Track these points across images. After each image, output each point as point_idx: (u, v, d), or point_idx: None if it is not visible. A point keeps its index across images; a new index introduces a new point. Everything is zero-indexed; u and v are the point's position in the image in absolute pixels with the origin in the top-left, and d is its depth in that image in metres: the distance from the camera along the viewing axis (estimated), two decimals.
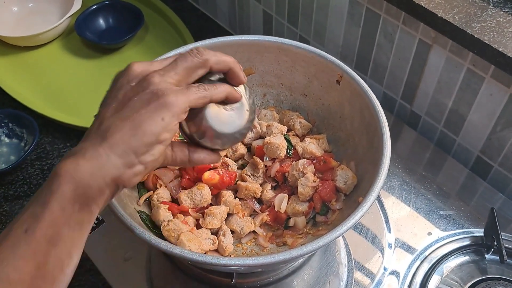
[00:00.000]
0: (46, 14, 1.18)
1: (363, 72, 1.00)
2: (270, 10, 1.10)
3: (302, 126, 0.80)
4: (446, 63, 0.84)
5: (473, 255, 0.78)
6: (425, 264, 0.77)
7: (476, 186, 0.87)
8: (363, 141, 0.73)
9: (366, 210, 0.59)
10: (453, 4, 0.79)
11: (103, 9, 1.17)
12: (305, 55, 0.77)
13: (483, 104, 0.83)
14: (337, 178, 0.72)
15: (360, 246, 0.80)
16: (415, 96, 0.94)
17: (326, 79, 0.78)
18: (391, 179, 0.88)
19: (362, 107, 0.72)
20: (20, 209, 0.87)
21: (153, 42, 1.16)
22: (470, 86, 0.83)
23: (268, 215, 0.73)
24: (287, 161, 0.76)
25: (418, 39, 0.86)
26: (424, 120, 0.95)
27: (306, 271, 0.77)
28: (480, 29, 0.75)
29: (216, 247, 0.69)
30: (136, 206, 0.71)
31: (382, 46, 0.93)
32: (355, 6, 0.92)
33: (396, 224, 0.82)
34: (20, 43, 1.12)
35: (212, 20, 1.25)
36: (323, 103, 0.80)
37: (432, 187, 0.87)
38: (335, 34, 1.00)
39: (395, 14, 0.87)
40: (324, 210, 0.72)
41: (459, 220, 0.82)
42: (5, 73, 1.08)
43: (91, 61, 1.12)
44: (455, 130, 0.91)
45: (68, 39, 1.16)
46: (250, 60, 0.81)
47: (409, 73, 0.92)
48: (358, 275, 0.77)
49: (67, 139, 0.98)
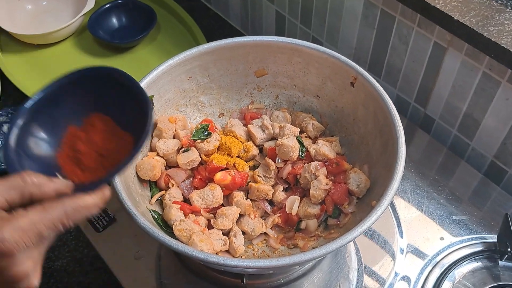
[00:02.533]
0: (60, 12, 1.19)
1: (376, 74, 0.99)
2: (283, 11, 1.10)
3: (314, 128, 0.80)
4: (461, 67, 0.83)
5: (486, 261, 0.77)
6: (436, 270, 0.76)
7: (490, 191, 0.86)
8: (376, 144, 0.72)
9: (380, 214, 0.59)
10: (470, 6, 0.79)
11: (116, 8, 1.17)
12: (319, 56, 0.77)
13: (498, 109, 0.82)
14: (350, 181, 0.72)
15: (371, 250, 0.79)
16: (429, 99, 0.93)
17: (340, 81, 0.77)
18: (404, 183, 0.87)
19: (376, 110, 0.72)
20: None
21: (165, 41, 1.16)
22: (486, 90, 0.82)
23: (279, 217, 0.73)
24: (299, 163, 0.76)
25: (433, 42, 0.85)
26: (438, 123, 0.94)
27: (316, 274, 0.76)
28: (497, 32, 0.74)
29: (227, 247, 0.69)
30: (148, 205, 0.71)
31: (396, 48, 0.92)
32: (370, 8, 0.91)
33: (408, 229, 0.81)
34: (34, 41, 1.13)
35: (224, 20, 1.25)
36: (336, 105, 0.80)
37: (445, 191, 0.86)
38: (348, 35, 0.99)
39: (410, 16, 0.86)
40: (336, 213, 0.72)
41: (472, 226, 0.81)
42: (18, 71, 1.08)
43: (103, 60, 1.12)
44: (469, 134, 0.90)
45: (81, 38, 1.16)
46: (263, 61, 0.81)
47: (424, 76, 0.91)
48: (369, 280, 0.76)
49: None
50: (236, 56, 0.80)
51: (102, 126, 0.58)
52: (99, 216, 0.82)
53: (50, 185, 0.48)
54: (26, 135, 0.55)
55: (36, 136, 0.56)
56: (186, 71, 0.78)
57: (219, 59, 0.79)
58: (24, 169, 0.51)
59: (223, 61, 0.80)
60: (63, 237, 0.83)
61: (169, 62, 0.75)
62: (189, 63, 0.77)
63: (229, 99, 0.85)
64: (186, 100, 0.81)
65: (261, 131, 0.80)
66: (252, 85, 0.84)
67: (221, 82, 0.83)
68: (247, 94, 0.85)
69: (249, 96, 0.85)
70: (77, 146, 0.56)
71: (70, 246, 0.82)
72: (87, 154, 0.56)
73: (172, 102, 0.79)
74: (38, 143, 0.56)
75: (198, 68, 0.79)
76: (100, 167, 0.55)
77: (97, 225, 0.81)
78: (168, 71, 0.75)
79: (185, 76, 0.79)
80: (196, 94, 0.82)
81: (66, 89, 0.57)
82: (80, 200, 0.47)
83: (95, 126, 0.58)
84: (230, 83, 0.83)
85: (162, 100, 0.77)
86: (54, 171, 0.54)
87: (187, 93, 0.81)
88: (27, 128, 0.55)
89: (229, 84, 0.83)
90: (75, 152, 0.56)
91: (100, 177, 0.52)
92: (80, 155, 0.56)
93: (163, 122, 0.76)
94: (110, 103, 0.58)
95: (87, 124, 0.58)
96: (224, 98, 0.84)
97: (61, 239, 0.83)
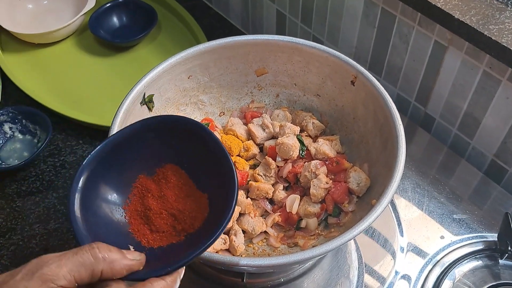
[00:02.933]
0: (61, 11, 1.19)
1: (377, 73, 0.99)
2: (284, 10, 1.10)
3: (315, 127, 0.80)
4: (462, 65, 0.83)
5: (486, 260, 0.77)
6: (437, 268, 0.76)
7: (490, 190, 0.86)
8: (376, 143, 0.72)
9: (379, 213, 0.59)
10: (470, 5, 0.78)
11: (116, 7, 1.17)
12: (319, 55, 0.77)
13: (499, 108, 0.82)
14: (350, 180, 0.72)
15: (372, 249, 0.79)
16: (429, 98, 0.93)
17: (340, 80, 0.77)
18: (404, 181, 0.87)
19: (376, 108, 0.72)
20: (32, 205, 0.88)
21: (166, 40, 1.16)
22: (486, 89, 0.82)
23: (279, 216, 0.73)
24: (299, 162, 0.76)
25: (433, 40, 0.85)
26: (438, 122, 0.94)
27: (316, 272, 0.76)
28: (497, 31, 0.74)
29: (228, 246, 0.69)
30: None
31: (397, 47, 0.92)
32: (370, 7, 0.91)
33: (408, 227, 0.81)
34: (34, 40, 1.13)
35: (225, 19, 1.25)
36: (337, 104, 0.80)
37: (445, 190, 0.86)
38: (349, 34, 0.99)
39: (410, 15, 0.86)
40: (336, 212, 0.72)
41: (472, 224, 0.81)
42: (19, 70, 1.08)
43: (104, 59, 1.12)
44: (469, 133, 0.90)
45: (81, 37, 1.16)
46: (263, 59, 0.81)
47: (424, 75, 0.91)
48: (369, 278, 0.76)
49: (79, 136, 0.98)
50: (237, 55, 0.80)
51: (175, 180, 0.54)
52: None
53: (123, 262, 0.44)
54: (90, 189, 0.50)
55: (102, 189, 0.52)
56: (186, 70, 0.78)
57: (220, 58, 0.79)
58: (92, 237, 0.47)
59: (224, 60, 0.80)
60: (64, 236, 0.83)
61: (170, 61, 0.75)
62: (190, 62, 0.77)
63: (230, 98, 0.85)
64: (186, 99, 0.81)
65: (262, 130, 0.80)
66: (252, 84, 0.84)
67: (221, 81, 0.83)
68: (248, 93, 0.85)
69: (250, 95, 0.85)
70: (147, 201, 0.52)
71: (70, 246, 0.82)
72: (158, 213, 0.51)
73: (173, 101, 0.79)
74: (105, 195, 0.52)
75: (198, 67, 0.79)
76: (171, 230, 0.51)
77: None
78: (168, 70, 0.76)
79: (185, 75, 0.79)
80: (196, 93, 0.82)
81: (141, 134, 0.53)
82: (155, 287, 0.44)
83: (168, 180, 0.53)
84: (230, 82, 0.83)
85: (163, 99, 0.77)
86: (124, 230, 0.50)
87: (187, 92, 0.81)
88: (91, 182, 0.50)
89: (230, 83, 0.83)
90: (144, 208, 0.52)
91: (177, 260, 0.46)
92: (150, 212, 0.51)
93: None
94: (187, 158, 0.54)
95: (159, 175, 0.54)
96: (225, 97, 0.84)
97: (61, 238, 0.83)
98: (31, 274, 0.41)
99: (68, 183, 0.91)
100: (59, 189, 0.90)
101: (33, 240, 0.83)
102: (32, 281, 0.40)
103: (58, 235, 0.83)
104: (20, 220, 0.86)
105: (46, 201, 0.88)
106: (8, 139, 0.96)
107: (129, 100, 0.70)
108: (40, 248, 0.82)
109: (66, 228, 0.84)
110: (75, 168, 0.93)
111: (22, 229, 0.84)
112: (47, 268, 0.41)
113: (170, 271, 0.45)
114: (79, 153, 0.96)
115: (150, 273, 0.45)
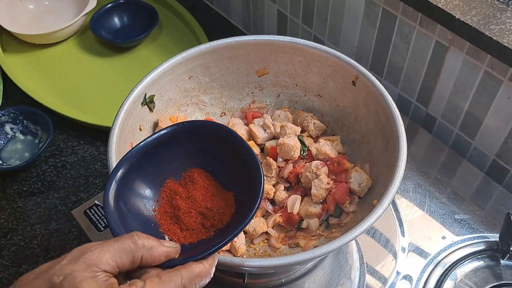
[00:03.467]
0: (62, 12, 1.19)
1: (378, 73, 0.99)
2: (285, 10, 1.10)
3: (316, 127, 0.80)
4: (463, 66, 0.83)
5: (488, 260, 0.77)
6: (438, 269, 0.76)
7: (492, 190, 0.86)
8: (378, 143, 0.72)
9: (381, 213, 0.59)
10: (471, 5, 0.78)
11: (118, 7, 1.17)
12: (320, 55, 0.77)
13: (500, 108, 0.82)
14: (351, 180, 0.72)
15: (373, 249, 0.79)
16: (430, 98, 0.93)
17: (341, 80, 0.77)
18: (406, 182, 0.87)
19: (378, 109, 0.72)
20: (33, 205, 0.88)
21: (167, 41, 1.16)
22: (487, 89, 0.82)
23: (280, 216, 0.73)
24: (300, 162, 0.76)
25: (434, 40, 0.85)
26: (440, 122, 0.94)
27: (318, 273, 0.76)
28: (499, 31, 0.74)
29: (229, 247, 0.69)
30: None
31: (398, 47, 0.92)
32: (371, 7, 0.91)
33: (410, 228, 0.81)
34: (35, 41, 1.13)
35: (226, 20, 1.25)
36: (338, 104, 0.80)
37: (447, 190, 0.86)
38: (350, 34, 0.99)
39: (411, 15, 0.86)
40: (337, 212, 0.72)
41: (474, 225, 0.81)
42: (20, 71, 1.08)
43: (105, 60, 1.12)
44: (471, 133, 0.90)
45: (83, 37, 1.17)
46: (264, 60, 0.81)
47: (425, 75, 0.91)
48: (370, 279, 0.76)
49: (81, 136, 0.98)
50: (238, 56, 0.80)
51: (202, 182, 0.55)
52: (100, 216, 0.82)
53: (160, 249, 0.46)
54: (124, 186, 0.52)
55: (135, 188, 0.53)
56: (187, 70, 0.78)
57: (221, 58, 0.79)
58: (129, 229, 0.48)
59: (225, 60, 0.80)
60: (65, 236, 0.83)
61: (171, 61, 0.75)
62: (191, 62, 0.77)
63: (231, 98, 0.85)
64: (187, 100, 0.81)
65: (263, 130, 0.80)
66: (253, 84, 0.84)
67: (222, 82, 0.83)
68: (249, 93, 0.85)
69: (251, 95, 0.85)
70: (176, 202, 0.54)
71: (72, 246, 0.82)
72: (187, 212, 0.53)
73: (174, 101, 0.79)
74: (136, 195, 0.53)
75: (199, 68, 0.79)
76: (200, 227, 0.53)
77: (99, 224, 0.82)
78: (169, 71, 0.76)
79: (186, 75, 0.79)
80: (197, 94, 0.82)
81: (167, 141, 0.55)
82: (194, 269, 0.45)
83: (194, 182, 0.55)
84: (231, 82, 0.83)
85: (164, 100, 0.77)
86: (155, 230, 0.52)
87: (188, 93, 0.81)
88: (125, 179, 0.52)
89: (231, 83, 0.83)
90: (173, 209, 0.54)
91: (212, 244, 0.48)
92: (179, 212, 0.53)
93: (164, 121, 0.76)
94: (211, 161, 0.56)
95: (186, 179, 0.56)
96: (226, 98, 0.84)
97: (63, 238, 0.83)
98: (76, 259, 0.42)
99: (70, 183, 0.91)
100: (60, 190, 0.90)
101: (34, 240, 0.83)
102: (77, 264, 0.42)
103: (59, 236, 0.83)
104: (21, 221, 0.86)
105: (47, 202, 0.88)
106: (9, 140, 0.96)
107: (130, 101, 0.70)
108: (41, 249, 0.82)
109: (67, 229, 0.84)
110: (76, 168, 0.93)
111: (23, 229, 0.85)
112: (91, 253, 0.43)
113: (206, 255, 0.47)
114: (80, 154, 0.96)
115: (187, 259, 0.47)
